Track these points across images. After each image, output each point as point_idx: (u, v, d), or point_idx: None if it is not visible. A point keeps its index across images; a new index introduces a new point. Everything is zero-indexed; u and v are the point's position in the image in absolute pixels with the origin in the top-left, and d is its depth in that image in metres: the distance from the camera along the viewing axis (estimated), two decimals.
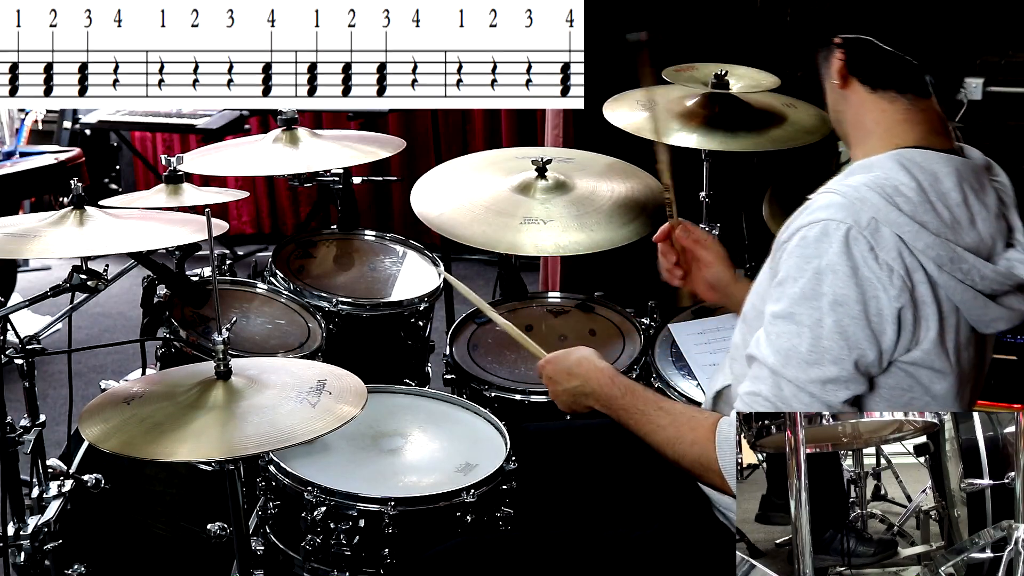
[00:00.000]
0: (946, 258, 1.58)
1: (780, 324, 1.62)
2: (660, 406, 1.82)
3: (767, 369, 1.63)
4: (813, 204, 1.64)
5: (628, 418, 1.84)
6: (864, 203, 1.58)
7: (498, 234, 2.59)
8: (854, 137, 1.75)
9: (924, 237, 1.57)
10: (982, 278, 1.60)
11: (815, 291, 1.58)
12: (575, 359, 1.98)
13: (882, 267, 1.57)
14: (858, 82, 1.70)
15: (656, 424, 1.79)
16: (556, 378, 1.99)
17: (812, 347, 1.59)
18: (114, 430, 1.79)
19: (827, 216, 1.59)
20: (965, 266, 1.59)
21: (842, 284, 1.57)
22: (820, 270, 1.58)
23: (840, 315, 1.57)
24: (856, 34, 1.66)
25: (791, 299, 1.60)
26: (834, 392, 1.59)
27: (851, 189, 1.61)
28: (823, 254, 1.58)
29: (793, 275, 1.61)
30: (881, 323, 1.57)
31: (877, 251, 1.57)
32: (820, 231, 1.59)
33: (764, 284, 1.73)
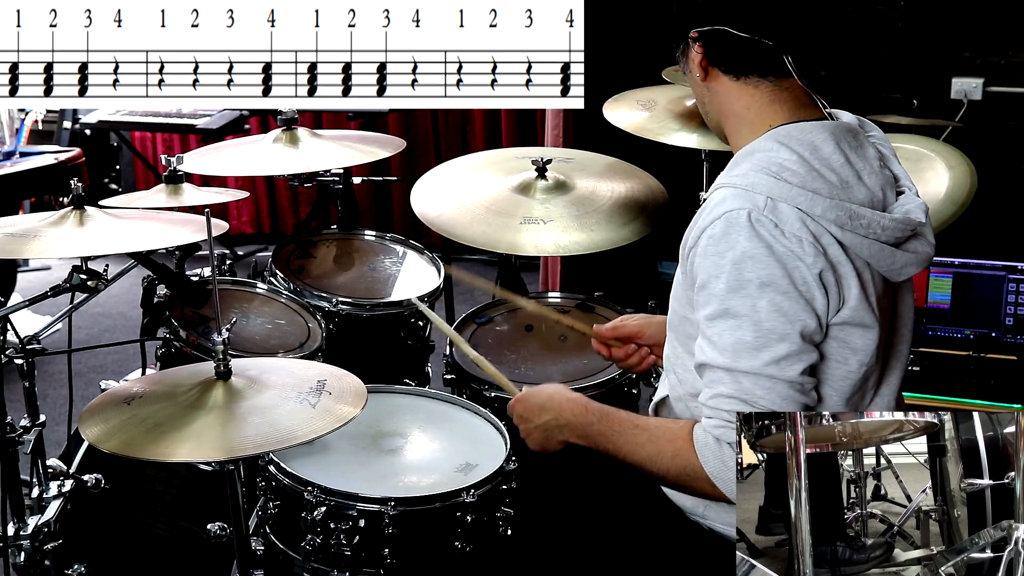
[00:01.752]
0: (845, 217, 1.63)
1: (718, 324, 1.64)
2: (636, 424, 1.80)
3: (720, 370, 1.64)
4: (709, 204, 1.68)
5: (606, 443, 1.81)
6: (755, 187, 1.63)
7: (498, 234, 2.59)
8: (727, 127, 1.79)
9: (820, 203, 1.62)
10: (883, 229, 1.65)
11: (739, 280, 1.61)
12: (546, 395, 1.92)
13: (791, 239, 1.60)
14: (720, 72, 1.74)
15: (635, 443, 1.77)
16: (527, 415, 1.92)
17: (756, 333, 1.61)
18: (114, 430, 1.79)
19: (725, 209, 1.63)
20: (864, 221, 1.64)
21: (763, 265, 1.60)
22: (737, 260, 1.61)
23: (771, 294, 1.60)
24: (710, 26, 1.70)
25: (719, 297, 1.63)
26: (790, 367, 1.61)
27: (739, 178, 1.66)
28: (735, 245, 1.61)
29: (713, 274, 1.63)
30: (809, 290, 1.61)
31: (782, 226, 1.61)
32: (724, 225, 1.63)
33: (679, 289, 1.77)
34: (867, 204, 1.66)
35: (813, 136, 1.68)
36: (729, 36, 1.69)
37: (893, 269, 1.69)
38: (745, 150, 1.72)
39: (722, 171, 1.76)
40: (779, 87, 1.72)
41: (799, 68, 1.69)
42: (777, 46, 1.68)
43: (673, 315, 1.81)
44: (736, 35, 1.69)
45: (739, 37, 1.69)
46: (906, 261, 1.70)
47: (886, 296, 1.72)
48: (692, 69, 1.77)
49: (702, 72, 1.75)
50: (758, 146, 1.70)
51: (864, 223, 1.64)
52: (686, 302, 1.74)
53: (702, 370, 1.68)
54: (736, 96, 1.74)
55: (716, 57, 1.73)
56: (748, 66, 1.72)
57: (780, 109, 1.73)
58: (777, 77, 1.72)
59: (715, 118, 1.81)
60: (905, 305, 1.81)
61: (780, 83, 1.72)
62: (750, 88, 1.73)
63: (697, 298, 1.68)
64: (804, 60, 1.70)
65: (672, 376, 1.85)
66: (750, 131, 1.74)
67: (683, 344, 1.80)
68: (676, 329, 1.81)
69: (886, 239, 1.66)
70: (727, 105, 1.76)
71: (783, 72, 1.71)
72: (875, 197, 1.69)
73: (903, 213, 1.70)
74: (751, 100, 1.73)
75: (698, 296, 1.67)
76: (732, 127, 1.78)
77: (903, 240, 1.69)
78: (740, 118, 1.75)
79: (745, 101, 1.74)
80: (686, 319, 1.76)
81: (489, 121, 5.01)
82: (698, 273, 1.67)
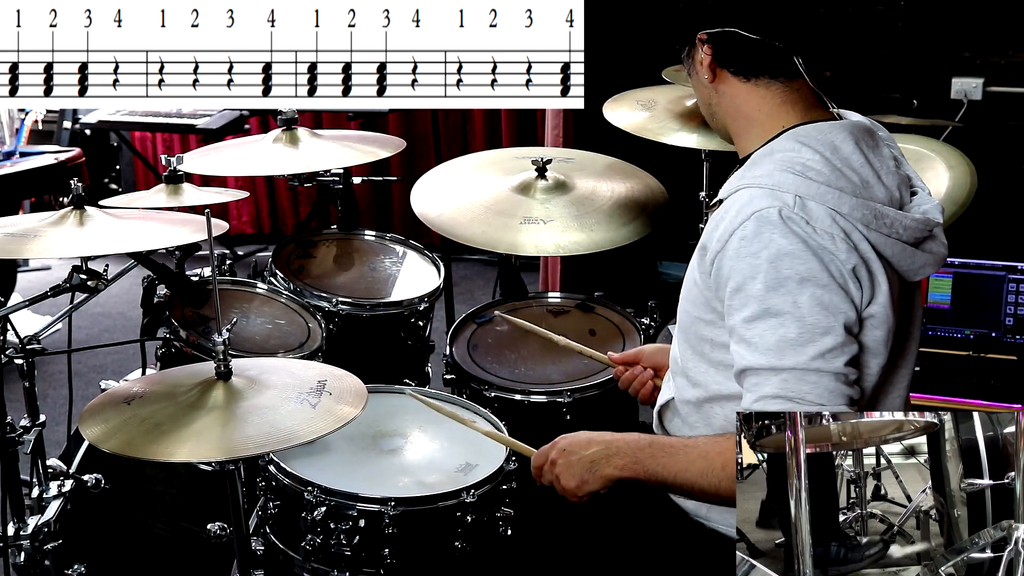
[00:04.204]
0: (871, 216, 1.62)
1: (759, 324, 1.61)
2: (685, 444, 1.75)
3: (764, 371, 1.61)
4: (734, 205, 1.66)
5: (656, 464, 1.73)
6: (782, 185, 1.62)
7: (498, 234, 2.59)
8: (735, 128, 1.78)
9: (847, 201, 1.62)
10: (905, 229, 1.65)
11: (778, 278, 1.59)
12: (590, 432, 1.83)
13: (823, 235, 1.60)
14: (730, 74, 1.73)
15: (687, 460, 1.71)
16: (572, 448, 1.80)
17: (800, 328, 1.59)
18: (114, 430, 1.79)
19: (754, 209, 1.62)
20: (888, 220, 1.64)
21: (800, 260, 1.59)
22: (773, 257, 1.59)
23: (811, 288, 1.58)
24: (720, 27, 1.69)
25: (758, 297, 1.60)
26: (835, 359, 1.59)
27: (763, 178, 1.64)
28: (769, 243, 1.60)
29: (749, 275, 1.61)
30: (846, 283, 1.60)
31: (813, 223, 1.60)
32: (756, 224, 1.61)
33: (695, 291, 1.74)
34: (887, 204, 1.66)
35: (833, 136, 1.67)
36: (739, 38, 1.68)
37: (912, 269, 1.69)
38: (763, 151, 1.70)
39: (734, 173, 1.75)
40: (790, 88, 1.72)
41: (809, 69, 1.69)
42: (788, 47, 1.68)
43: (685, 316, 1.79)
44: (747, 37, 1.68)
45: (749, 39, 1.68)
46: (924, 261, 1.69)
47: (901, 296, 1.71)
48: (699, 71, 1.76)
49: (710, 74, 1.74)
50: (778, 146, 1.69)
51: (888, 222, 1.63)
52: (702, 303, 1.72)
53: (743, 376, 1.64)
54: (746, 98, 1.73)
55: (725, 59, 1.72)
56: (759, 68, 1.71)
57: (792, 110, 1.72)
58: (787, 78, 1.71)
59: (721, 120, 1.79)
60: (916, 306, 1.80)
61: (791, 84, 1.71)
62: (761, 90, 1.72)
63: (731, 302, 1.64)
64: (814, 61, 1.69)
65: (680, 379, 1.83)
66: (760, 132, 1.73)
67: (694, 346, 1.78)
68: (687, 331, 1.79)
69: (907, 239, 1.65)
70: (736, 107, 1.75)
71: (793, 73, 1.70)
72: (893, 197, 1.68)
73: (921, 213, 1.69)
74: (762, 102, 1.72)
75: (732, 300, 1.64)
76: (740, 129, 1.77)
77: (921, 240, 1.68)
78: (750, 120, 1.74)
79: (756, 103, 1.73)
80: (699, 320, 1.74)
81: (489, 121, 5.01)
82: (729, 276, 1.64)
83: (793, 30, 1.68)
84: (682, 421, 1.84)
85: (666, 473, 1.71)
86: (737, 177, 1.72)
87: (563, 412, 2.46)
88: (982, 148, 3.41)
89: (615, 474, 1.75)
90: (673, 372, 1.88)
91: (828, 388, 1.58)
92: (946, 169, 2.85)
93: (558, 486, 1.80)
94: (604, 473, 1.75)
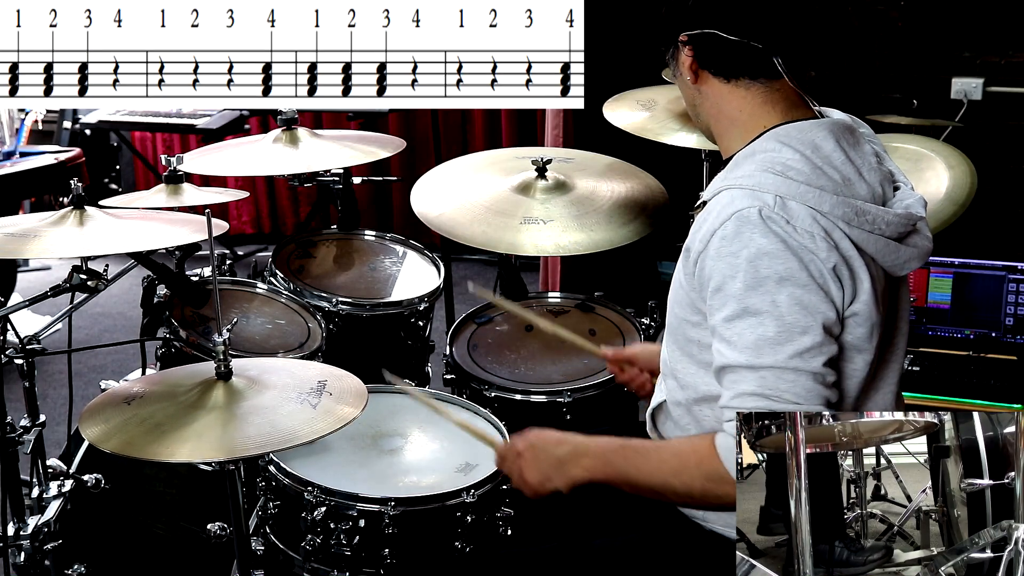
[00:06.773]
0: (852, 214, 1.63)
1: (737, 324, 1.62)
2: (657, 445, 1.79)
3: (742, 368, 1.61)
4: (715, 206, 1.67)
5: (627, 464, 1.74)
6: (762, 186, 1.63)
7: (498, 234, 2.59)
8: (717, 129, 1.79)
9: (827, 199, 1.62)
10: (887, 224, 1.66)
11: (757, 278, 1.60)
12: (561, 432, 1.83)
13: (803, 235, 1.60)
14: (711, 75, 1.74)
15: (658, 459, 1.72)
16: (541, 444, 1.81)
17: (778, 327, 1.59)
18: (114, 430, 1.79)
19: (735, 209, 1.63)
20: (869, 217, 1.64)
21: (779, 260, 1.59)
22: (752, 257, 1.60)
23: (790, 288, 1.59)
24: (699, 29, 1.70)
25: (737, 296, 1.61)
26: (813, 359, 1.59)
27: (744, 178, 1.65)
28: (749, 243, 1.60)
29: (729, 274, 1.62)
30: (826, 282, 1.61)
31: (793, 223, 1.61)
32: (736, 224, 1.62)
33: (681, 292, 1.74)
34: (868, 200, 1.67)
35: (813, 135, 1.68)
36: (719, 39, 1.69)
37: (896, 264, 1.69)
38: (745, 151, 1.72)
39: (719, 173, 1.76)
40: (770, 88, 1.72)
41: (789, 69, 1.69)
42: (767, 48, 1.68)
43: (673, 318, 1.80)
44: (726, 38, 1.69)
45: (729, 40, 1.69)
46: (909, 256, 1.70)
47: (887, 292, 1.72)
48: (682, 72, 1.77)
49: (692, 75, 1.75)
50: (759, 147, 1.70)
51: (869, 219, 1.64)
52: (687, 304, 1.73)
53: (722, 374, 1.65)
54: (727, 99, 1.75)
55: (706, 60, 1.73)
56: (739, 69, 1.72)
57: (773, 110, 1.73)
58: (768, 79, 1.72)
59: (705, 120, 1.81)
60: (903, 300, 1.81)
61: (771, 84, 1.72)
62: (741, 90, 1.73)
63: (712, 302, 1.65)
64: (794, 61, 1.70)
65: (671, 380, 1.84)
66: (742, 133, 1.74)
67: (682, 347, 1.79)
68: (675, 332, 1.80)
69: (890, 234, 1.66)
70: (718, 108, 1.76)
71: (774, 74, 1.71)
72: (875, 193, 1.69)
73: (904, 208, 1.71)
74: (743, 102, 1.73)
75: (712, 300, 1.65)
76: (723, 129, 1.78)
77: (905, 235, 1.69)
78: (731, 120, 1.75)
79: (737, 103, 1.74)
80: (686, 321, 1.75)
81: (489, 121, 5.01)
82: (711, 276, 1.65)
83: (772, 31, 1.68)
84: (674, 424, 1.85)
85: (637, 473, 1.72)
86: (720, 178, 1.73)
87: (563, 412, 2.46)
88: (982, 148, 3.41)
89: (582, 475, 1.75)
90: (663, 374, 1.88)
91: (805, 387, 1.59)
92: (946, 169, 2.85)
93: (518, 478, 1.81)
94: (571, 474, 1.76)
